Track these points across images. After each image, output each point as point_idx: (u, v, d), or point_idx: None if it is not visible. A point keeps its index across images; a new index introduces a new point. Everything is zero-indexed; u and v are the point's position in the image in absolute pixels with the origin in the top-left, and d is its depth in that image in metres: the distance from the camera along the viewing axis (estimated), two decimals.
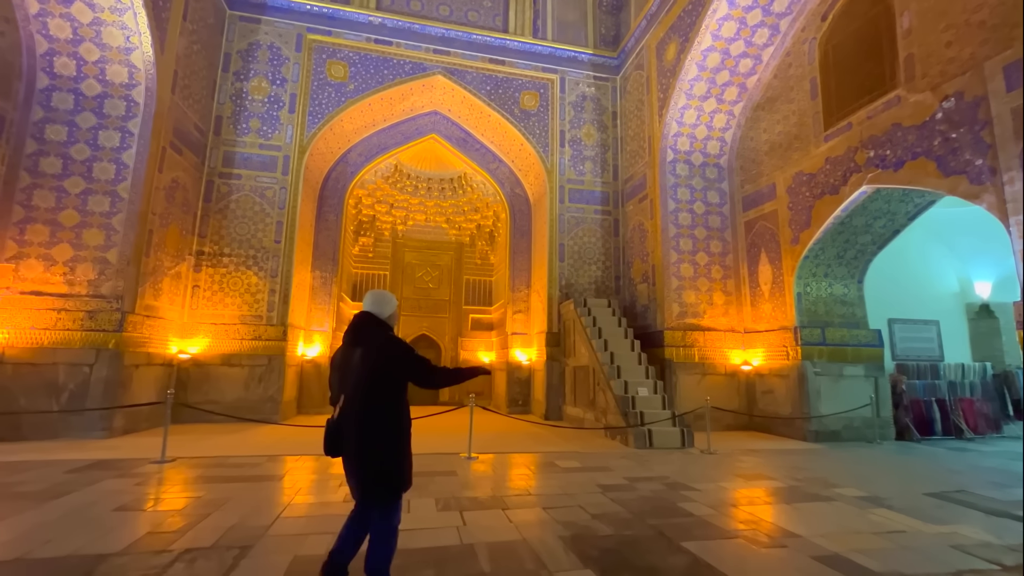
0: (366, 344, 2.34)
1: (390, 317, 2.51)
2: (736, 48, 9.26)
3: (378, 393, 2.28)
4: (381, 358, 2.29)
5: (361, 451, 2.25)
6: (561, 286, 11.12)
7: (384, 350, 2.31)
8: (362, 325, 2.42)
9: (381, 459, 2.25)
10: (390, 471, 2.27)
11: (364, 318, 2.44)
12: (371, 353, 2.29)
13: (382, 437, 2.25)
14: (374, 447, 2.24)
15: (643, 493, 4.63)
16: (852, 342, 8.61)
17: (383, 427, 2.26)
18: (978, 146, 5.84)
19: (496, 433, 8.13)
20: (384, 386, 2.28)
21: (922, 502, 4.54)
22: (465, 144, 12.79)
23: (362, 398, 2.26)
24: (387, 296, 2.55)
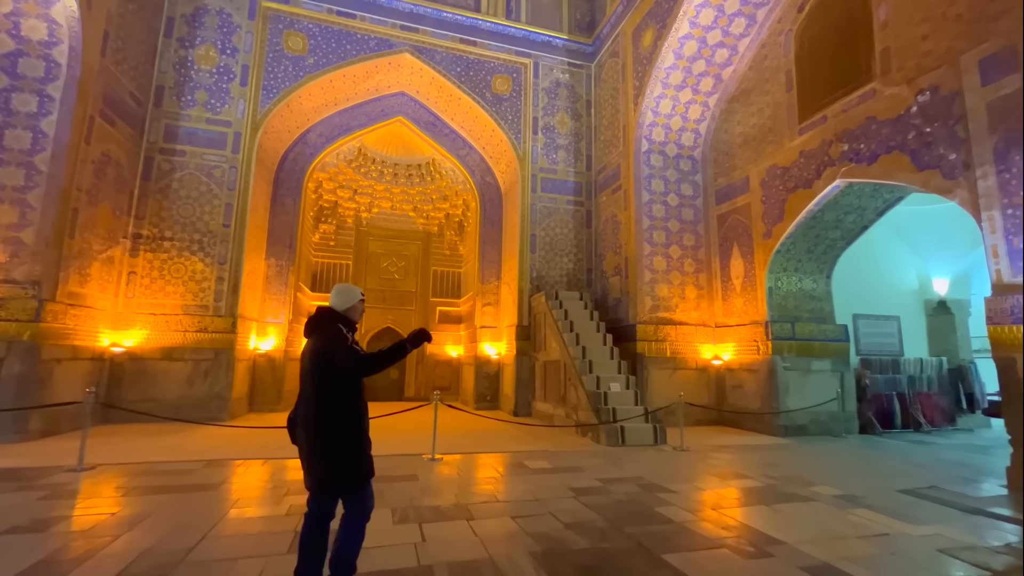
0: (315, 337, 2.40)
1: (350, 310, 2.51)
2: (713, 37, 9.09)
3: (327, 387, 2.29)
4: (323, 351, 2.33)
5: (314, 444, 2.28)
6: (532, 278, 10.77)
7: (324, 343, 2.34)
8: (317, 319, 2.46)
9: (335, 451, 2.27)
10: (348, 460, 2.30)
11: (321, 311, 2.48)
12: (317, 346, 2.35)
13: (334, 430, 2.27)
14: (327, 440, 2.27)
15: (618, 496, 4.34)
16: (820, 337, 8.65)
17: (334, 420, 2.28)
18: (952, 140, 5.81)
19: (463, 431, 7.73)
20: (333, 380, 2.30)
21: (897, 500, 4.45)
22: (434, 128, 12.22)
23: (313, 392, 2.30)
24: (349, 289, 2.56)
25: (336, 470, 2.27)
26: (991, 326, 5.28)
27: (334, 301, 2.51)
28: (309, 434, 2.29)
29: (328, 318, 2.44)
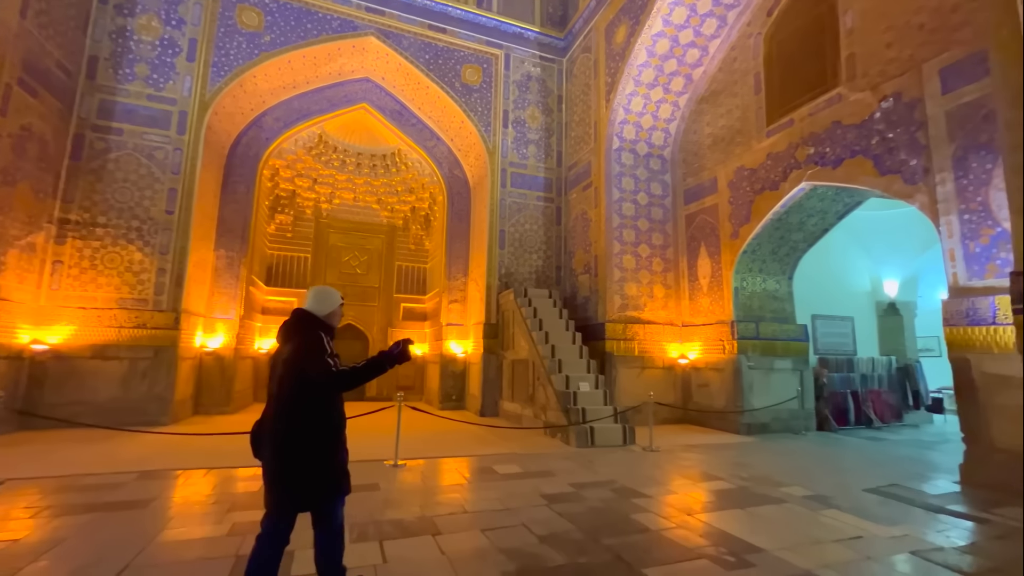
0: (291, 343, 2.25)
1: (330, 316, 2.39)
2: (685, 36, 9.09)
3: (302, 397, 2.15)
4: (297, 359, 2.18)
5: (279, 455, 2.13)
6: (501, 275, 10.52)
7: (299, 352, 2.19)
8: (294, 323, 2.31)
9: (308, 466, 2.12)
10: (321, 476, 2.16)
11: (298, 315, 2.33)
12: (293, 353, 2.20)
13: (307, 443, 2.12)
14: (298, 454, 2.11)
15: (592, 503, 4.16)
16: (782, 336, 8.83)
17: (307, 433, 2.13)
18: (913, 146, 5.97)
19: (428, 433, 7.40)
20: (308, 390, 2.15)
21: (864, 500, 4.49)
22: (400, 118, 11.73)
23: (284, 399, 2.16)
24: (327, 293, 2.42)
25: (306, 486, 2.13)
26: (947, 327, 5.44)
27: (312, 305, 2.36)
28: (277, 446, 2.13)
29: (307, 323, 2.30)
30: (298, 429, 2.11)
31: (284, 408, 2.15)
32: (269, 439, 2.16)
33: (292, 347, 2.22)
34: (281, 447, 2.12)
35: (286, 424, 2.12)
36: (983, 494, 4.76)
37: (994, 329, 5.03)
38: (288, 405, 2.15)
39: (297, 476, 2.11)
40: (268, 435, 2.17)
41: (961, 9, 5.60)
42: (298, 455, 2.11)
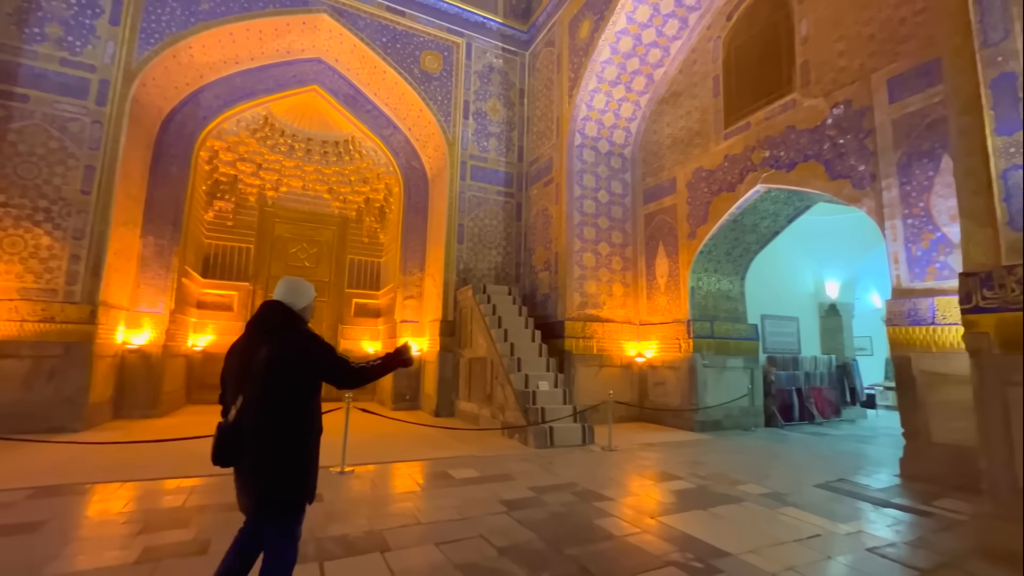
0: (275, 338, 2.05)
1: (305, 310, 2.24)
2: (648, 36, 9.11)
3: (287, 395, 2.01)
4: (294, 356, 2.03)
5: (263, 459, 1.97)
6: (459, 271, 10.18)
7: (297, 347, 2.06)
8: (272, 316, 2.14)
9: (285, 468, 1.99)
10: (295, 480, 2.02)
11: (275, 308, 2.15)
12: (281, 349, 2.02)
13: (288, 443, 1.99)
14: (278, 454, 1.97)
15: (554, 508, 3.96)
16: (735, 335, 9.04)
17: (289, 432, 1.99)
18: (862, 153, 6.19)
19: (379, 436, 6.98)
20: (295, 387, 2.03)
21: (817, 496, 4.55)
22: (354, 103, 11.12)
23: (267, 400, 1.97)
24: (304, 285, 2.28)
25: (277, 487, 1.98)
26: (890, 327, 5.66)
27: (289, 298, 2.18)
28: (260, 449, 1.95)
29: (292, 315, 2.16)
30: (288, 430, 1.99)
31: (270, 410, 1.97)
32: (254, 442, 1.95)
33: (274, 344, 2.02)
34: (265, 450, 1.96)
35: (274, 426, 1.96)
36: (922, 487, 4.97)
37: (933, 329, 5.27)
38: (275, 406, 1.98)
39: (286, 479, 2.00)
40: (251, 438, 1.95)
41: (908, 22, 5.85)
42: (285, 457, 1.98)
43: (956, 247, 5.21)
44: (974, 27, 3.69)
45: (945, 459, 5.08)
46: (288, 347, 2.03)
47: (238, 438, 1.95)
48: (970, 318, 3.60)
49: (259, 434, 1.95)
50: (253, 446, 1.95)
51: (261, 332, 2.09)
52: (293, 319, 2.16)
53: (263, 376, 1.97)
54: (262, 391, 1.97)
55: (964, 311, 3.63)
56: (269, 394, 1.97)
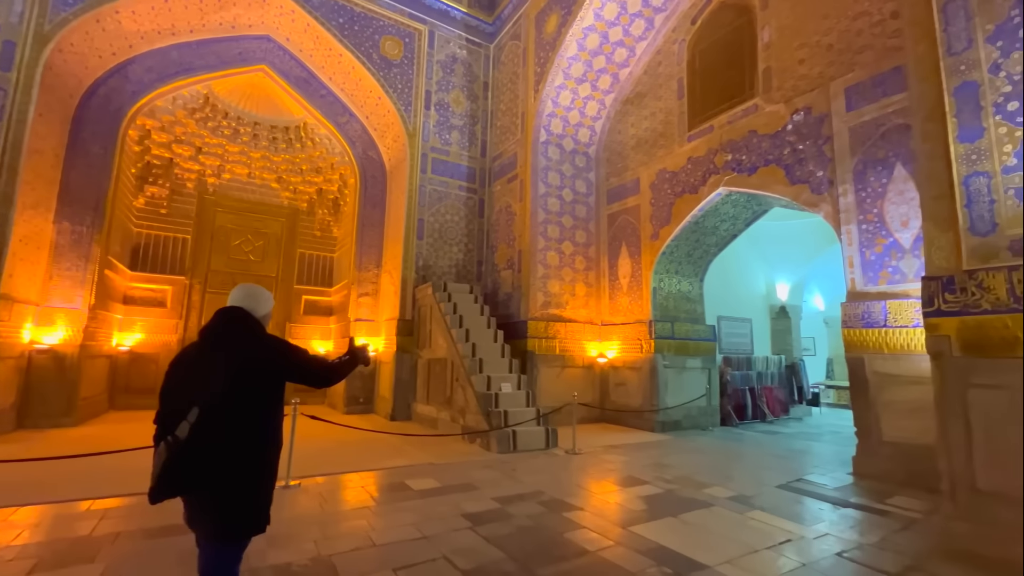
0: (237, 346, 1.95)
1: (264, 318, 2.14)
2: (615, 34, 9.05)
3: (256, 405, 1.90)
4: (264, 362, 1.95)
5: (231, 476, 1.83)
6: (418, 267, 9.75)
7: (266, 353, 1.98)
8: (232, 323, 2.02)
9: (254, 484, 1.90)
10: (264, 496, 1.94)
11: (236, 314, 2.04)
12: (249, 358, 1.92)
13: (257, 457, 1.90)
14: (247, 470, 1.87)
15: (521, 522, 3.71)
16: (694, 336, 9.15)
17: (258, 445, 1.91)
18: (820, 159, 6.35)
19: (329, 443, 6.47)
20: (264, 396, 1.94)
21: (779, 498, 4.56)
22: (307, 87, 10.43)
23: (235, 412, 1.84)
24: (265, 293, 2.19)
25: (243, 507, 1.87)
26: (845, 329, 5.81)
27: (246, 303, 2.08)
28: (227, 466, 1.82)
29: (248, 322, 2.04)
30: (257, 443, 1.90)
31: (239, 422, 1.85)
32: (217, 460, 1.80)
33: (235, 351, 1.92)
34: (232, 468, 1.83)
35: (243, 439, 1.86)
36: (874, 484, 5.10)
37: (885, 331, 5.44)
38: (244, 418, 1.86)
39: (256, 495, 1.91)
40: (212, 455, 1.79)
41: (864, 34, 6.04)
42: (250, 474, 1.89)
43: (907, 252, 5.41)
44: (939, 36, 3.76)
45: (895, 457, 5.25)
46: (257, 355, 1.94)
47: (195, 457, 1.76)
48: (932, 321, 3.66)
49: (226, 449, 1.82)
50: (217, 463, 1.80)
51: (223, 340, 1.96)
52: (255, 325, 2.06)
53: (229, 387, 1.84)
54: (229, 403, 1.83)
55: (926, 314, 3.70)
56: (237, 406, 1.85)
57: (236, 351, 1.91)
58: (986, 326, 3.37)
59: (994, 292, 3.34)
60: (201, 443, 1.76)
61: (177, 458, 1.73)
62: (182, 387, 1.89)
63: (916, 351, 5.18)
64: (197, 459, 1.76)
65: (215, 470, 1.79)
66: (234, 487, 1.84)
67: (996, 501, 3.23)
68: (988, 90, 3.48)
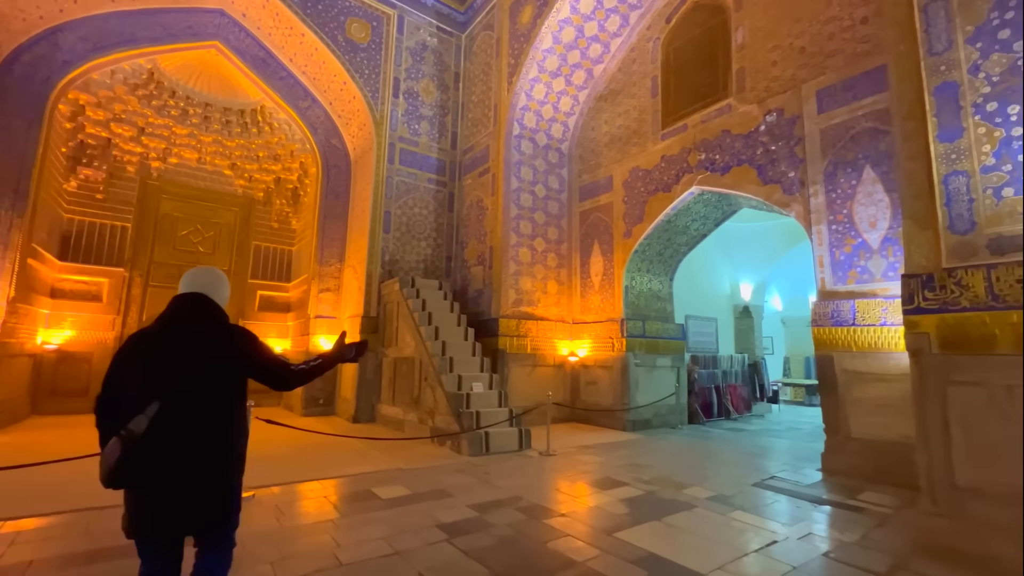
0: (208, 336, 1.86)
1: (223, 303, 2.02)
2: (590, 29, 8.95)
3: (222, 399, 1.83)
4: (234, 356, 1.86)
5: (201, 473, 1.76)
6: (384, 262, 9.31)
7: (237, 347, 1.88)
8: (200, 312, 1.91)
9: (229, 476, 1.85)
10: (239, 486, 1.91)
11: (200, 301, 1.92)
12: (215, 349, 1.84)
13: (230, 449, 1.85)
14: (220, 463, 1.81)
15: (501, 531, 3.46)
16: (664, 335, 9.18)
17: (230, 437, 1.85)
18: (792, 160, 6.43)
19: (286, 449, 6.00)
20: (230, 389, 1.87)
21: (758, 497, 4.53)
22: (265, 68, 9.77)
23: (202, 406, 1.77)
24: (224, 278, 2.06)
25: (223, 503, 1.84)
26: (815, 328, 5.90)
27: (209, 291, 1.97)
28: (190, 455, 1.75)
29: (215, 310, 1.97)
30: (229, 435, 1.85)
31: (209, 416, 1.80)
32: (187, 454, 1.74)
33: (213, 343, 1.85)
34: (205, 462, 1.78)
35: (215, 432, 1.80)
36: (843, 480, 5.18)
37: (854, 330, 5.54)
38: (210, 410, 1.80)
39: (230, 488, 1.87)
40: (180, 450, 1.72)
41: (836, 38, 6.15)
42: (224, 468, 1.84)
43: (875, 252, 5.53)
44: (920, 37, 3.79)
45: (862, 453, 5.35)
46: (225, 350, 1.85)
47: (156, 453, 1.67)
48: (912, 319, 3.68)
49: (196, 444, 1.75)
50: (186, 459, 1.73)
51: (193, 330, 1.85)
52: (221, 313, 1.97)
53: (200, 381, 1.78)
54: (199, 397, 1.77)
55: (906, 312, 3.71)
56: (207, 400, 1.79)
57: (207, 342, 1.84)
58: (965, 323, 3.40)
59: (973, 290, 3.37)
60: (164, 439, 1.67)
61: (134, 455, 1.62)
62: (140, 378, 1.75)
63: (883, 349, 5.30)
64: (159, 455, 1.67)
65: (188, 466, 1.73)
66: (214, 482, 1.79)
67: (975, 497, 3.26)
68: (968, 90, 3.53)
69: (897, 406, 5.23)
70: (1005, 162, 3.34)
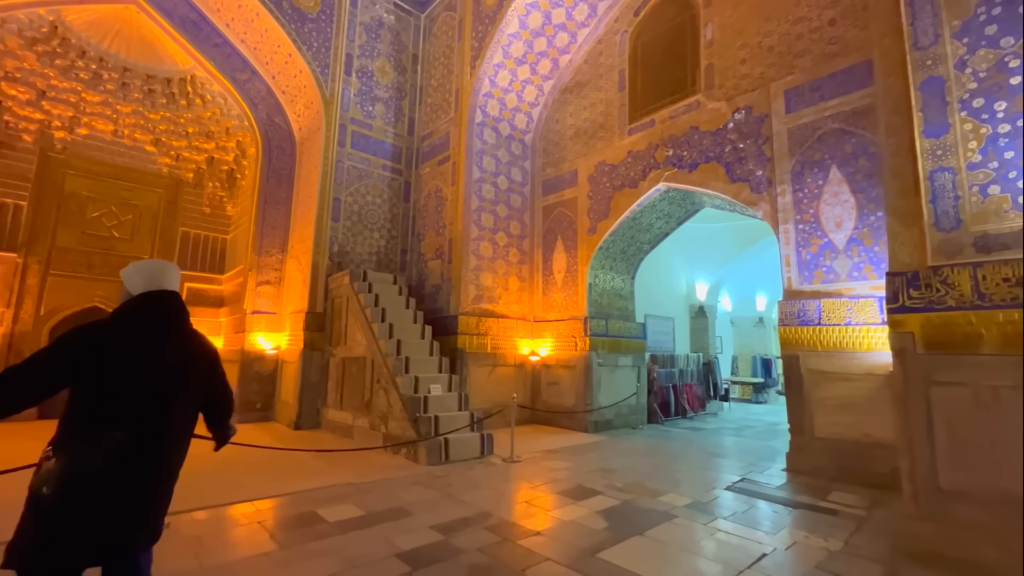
0: (194, 342, 1.83)
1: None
2: (557, 16, 8.63)
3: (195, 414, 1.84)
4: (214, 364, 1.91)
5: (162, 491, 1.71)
6: (332, 253, 8.55)
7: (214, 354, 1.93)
8: (180, 313, 1.81)
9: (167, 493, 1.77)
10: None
11: (176, 301, 1.81)
12: (203, 356, 1.86)
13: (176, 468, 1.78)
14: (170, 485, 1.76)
15: (472, 558, 3.02)
16: (626, 334, 9.04)
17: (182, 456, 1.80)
18: (760, 158, 6.40)
19: (213, 463, 5.14)
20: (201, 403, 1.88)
21: (734, 502, 4.37)
22: (197, 32, 8.69)
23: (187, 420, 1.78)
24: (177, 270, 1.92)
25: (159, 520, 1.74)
26: (781, 327, 5.88)
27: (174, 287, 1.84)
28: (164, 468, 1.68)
29: (187, 312, 1.87)
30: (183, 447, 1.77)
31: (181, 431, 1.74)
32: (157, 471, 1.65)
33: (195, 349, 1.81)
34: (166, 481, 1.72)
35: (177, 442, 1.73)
36: (809, 481, 5.15)
37: (820, 329, 5.55)
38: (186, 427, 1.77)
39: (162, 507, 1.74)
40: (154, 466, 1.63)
41: (804, 38, 6.17)
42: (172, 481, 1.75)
43: (841, 252, 5.56)
44: (905, 30, 3.72)
45: (826, 452, 5.35)
46: (208, 345, 1.88)
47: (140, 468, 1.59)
48: (896, 317, 3.59)
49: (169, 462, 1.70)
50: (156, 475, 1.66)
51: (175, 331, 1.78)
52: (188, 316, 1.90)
53: (186, 389, 1.74)
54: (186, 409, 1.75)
55: (890, 310, 3.62)
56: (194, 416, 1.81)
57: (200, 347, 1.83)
58: (951, 323, 3.33)
59: (959, 288, 3.31)
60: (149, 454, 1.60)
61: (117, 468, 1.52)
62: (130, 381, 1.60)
63: (848, 349, 5.32)
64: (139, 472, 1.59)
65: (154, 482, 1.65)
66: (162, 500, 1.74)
67: (960, 501, 3.19)
68: (954, 86, 3.47)
69: (860, 405, 5.28)
70: (991, 159, 3.29)
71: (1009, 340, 3.08)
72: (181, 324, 1.81)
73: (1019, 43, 3.25)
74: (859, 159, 5.49)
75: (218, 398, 1.96)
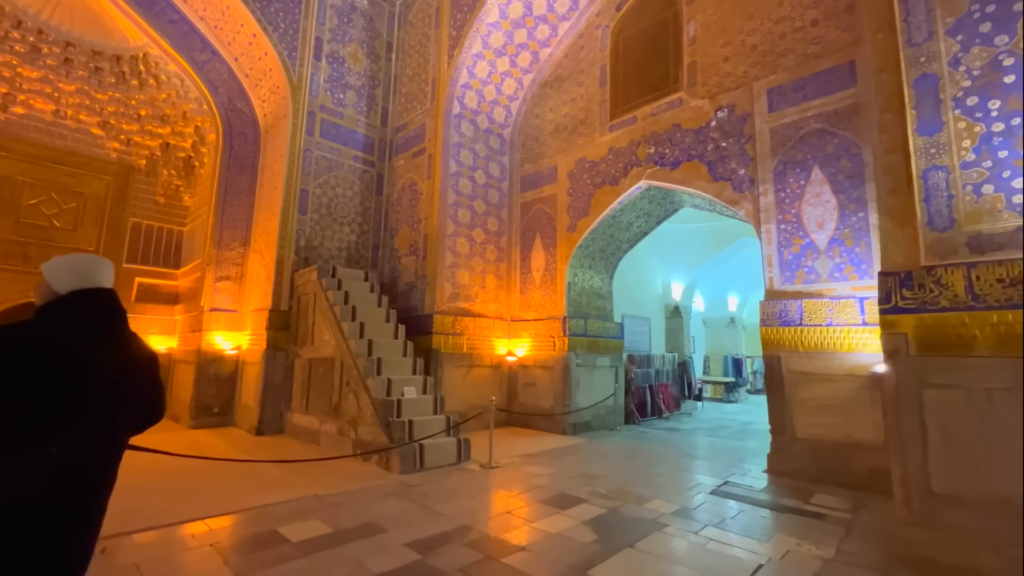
0: (133, 346, 1.63)
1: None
2: (539, 7, 8.41)
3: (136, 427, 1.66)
4: (153, 371, 1.70)
5: (99, 514, 1.51)
6: (299, 248, 8.06)
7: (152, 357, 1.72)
8: (119, 314, 1.62)
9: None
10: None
11: (114, 301, 1.62)
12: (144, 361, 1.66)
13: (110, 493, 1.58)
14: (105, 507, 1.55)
15: None
16: (604, 334, 8.92)
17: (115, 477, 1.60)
18: (742, 157, 6.35)
19: (163, 474, 4.73)
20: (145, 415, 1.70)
21: (721, 507, 4.25)
22: (151, 6, 8.04)
23: (125, 435, 1.59)
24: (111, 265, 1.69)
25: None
26: (763, 327, 5.83)
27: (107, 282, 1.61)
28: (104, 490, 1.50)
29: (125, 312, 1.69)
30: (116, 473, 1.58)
31: (121, 446, 1.58)
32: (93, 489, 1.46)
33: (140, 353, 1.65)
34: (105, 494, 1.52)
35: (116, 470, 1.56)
36: (791, 483, 5.10)
37: (801, 329, 5.52)
38: (125, 441, 1.59)
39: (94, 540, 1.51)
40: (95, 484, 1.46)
41: (786, 38, 6.15)
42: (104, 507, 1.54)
43: (822, 253, 5.55)
44: (899, 26, 3.66)
45: (806, 454, 5.32)
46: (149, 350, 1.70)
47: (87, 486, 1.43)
48: (888, 318, 3.53)
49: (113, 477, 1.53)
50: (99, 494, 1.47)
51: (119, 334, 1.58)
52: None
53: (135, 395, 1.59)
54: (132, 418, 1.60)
55: (883, 311, 3.56)
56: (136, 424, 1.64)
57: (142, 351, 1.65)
58: (944, 324, 3.28)
59: (952, 289, 3.26)
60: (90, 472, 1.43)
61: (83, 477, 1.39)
62: (50, 398, 1.36)
63: (829, 349, 5.30)
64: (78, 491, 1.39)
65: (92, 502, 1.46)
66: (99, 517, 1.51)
67: (953, 505, 3.14)
68: (948, 83, 3.43)
69: (841, 407, 5.26)
70: (985, 158, 3.25)
71: (1003, 342, 3.03)
72: (121, 327, 1.62)
73: (1013, 41, 3.22)
74: (841, 160, 5.49)
75: (155, 408, 1.72)
